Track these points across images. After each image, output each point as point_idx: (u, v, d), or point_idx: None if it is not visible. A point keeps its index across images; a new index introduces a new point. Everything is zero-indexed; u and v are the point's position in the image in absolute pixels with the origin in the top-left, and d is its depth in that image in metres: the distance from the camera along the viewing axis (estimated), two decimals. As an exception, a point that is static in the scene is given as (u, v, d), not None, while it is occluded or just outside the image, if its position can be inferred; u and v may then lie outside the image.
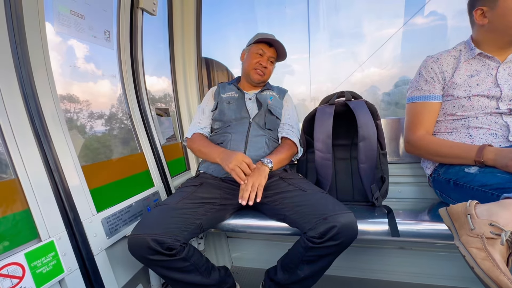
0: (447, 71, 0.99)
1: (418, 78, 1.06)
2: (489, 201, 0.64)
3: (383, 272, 1.34)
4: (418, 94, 1.04)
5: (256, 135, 1.15)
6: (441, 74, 1.00)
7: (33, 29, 0.77)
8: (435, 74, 1.00)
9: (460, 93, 0.96)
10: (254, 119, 1.19)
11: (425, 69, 1.03)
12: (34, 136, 0.76)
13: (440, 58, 1.01)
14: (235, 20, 1.92)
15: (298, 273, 0.87)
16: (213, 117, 1.26)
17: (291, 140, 1.17)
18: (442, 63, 1.00)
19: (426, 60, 1.05)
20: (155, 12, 1.28)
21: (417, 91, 1.05)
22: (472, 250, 0.55)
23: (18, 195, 0.71)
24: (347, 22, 1.70)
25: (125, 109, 1.19)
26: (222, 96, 1.26)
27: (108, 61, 1.13)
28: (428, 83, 1.02)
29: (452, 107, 0.99)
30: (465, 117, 0.96)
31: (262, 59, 1.22)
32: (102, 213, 0.92)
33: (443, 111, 1.02)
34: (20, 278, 0.66)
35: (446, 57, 1.01)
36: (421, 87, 1.04)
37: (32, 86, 0.76)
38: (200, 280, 0.88)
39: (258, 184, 0.95)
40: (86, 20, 0.98)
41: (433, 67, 1.01)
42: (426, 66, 1.03)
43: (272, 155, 1.07)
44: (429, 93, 1.02)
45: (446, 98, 1.01)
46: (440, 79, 1.00)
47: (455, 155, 0.92)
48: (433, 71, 1.01)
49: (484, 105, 0.93)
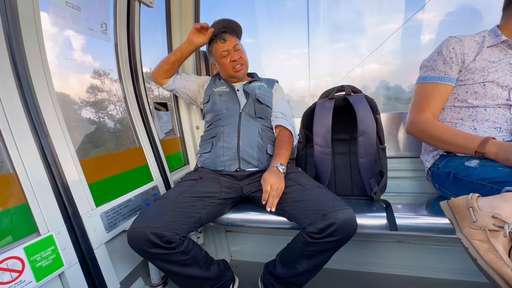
0: (468, 54, 0.95)
1: (436, 57, 1.00)
2: (488, 194, 0.65)
3: (381, 265, 1.36)
4: (433, 74, 1.00)
5: (248, 125, 1.15)
6: (462, 56, 0.95)
7: (28, 20, 0.75)
8: (455, 55, 0.96)
9: (477, 77, 0.92)
10: (244, 109, 1.19)
11: (446, 48, 0.97)
12: (31, 130, 0.75)
13: (463, 40, 0.96)
14: (235, 14, 1.90)
15: (297, 267, 0.88)
16: (205, 109, 1.28)
17: (287, 131, 1.17)
18: (464, 45, 0.96)
19: (448, 40, 0.99)
20: (152, 4, 1.26)
21: (432, 71, 1.00)
22: (475, 242, 0.55)
23: (16, 189, 0.71)
24: (347, 16, 1.68)
25: (123, 104, 1.18)
26: (214, 90, 1.27)
27: (105, 54, 1.11)
28: (446, 64, 0.97)
29: (465, 92, 0.96)
30: (474, 107, 0.94)
31: (231, 55, 1.21)
32: (101, 207, 0.92)
33: (453, 96, 0.99)
34: (19, 272, 0.66)
35: (469, 40, 0.97)
36: (437, 67, 0.99)
37: (28, 79, 0.75)
38: (200, 273, 0.89)
39: (281, 190, 0.95)
40: (82, 12, 0.96)
41: (455, 47, 0.96)
42: (448, 46, 0.97)
43: (281, 157, 1.04)
44: (444, 74, 0.98)
45: (460, 83, 0.97)
46: (459, 61, 0.96)
47: (457, 143, 0.91)
48: (454, 51, 0.96)
49: (496, 95, 0.91)
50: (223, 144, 1.13)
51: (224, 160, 1.11)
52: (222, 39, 1.20)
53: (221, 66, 1.25)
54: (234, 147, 1.11)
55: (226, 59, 1.21)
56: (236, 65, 1.21)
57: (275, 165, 1.00)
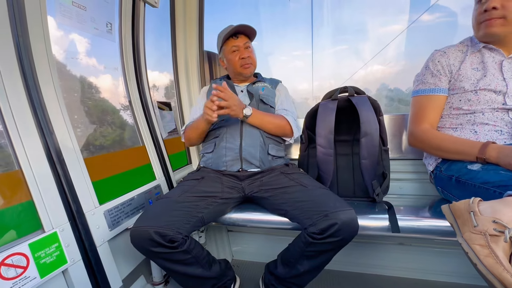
0: (454, 64, 0.99)
1: (424, 71, 1.06)
2: (491, 198, 0.64)
3: (382, 267, 1.35)
4: (424, 87, 1.04)
5: (251, 126, 1.15)
6: (448, 67, 1.00)
7: (35, 20, 0.76)
8: (441, 67, 1.01)
9: (467, 86, 0.95)
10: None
11: (432, 62, 1.03)
12: (36, 128, 0.76)
13: (447, 52, 1.02)
14: (238, 16, 1.91)
15: (298, 267, 0.88)
16: None
17: (286, 120, 1.18)
18: (449, 57, 1.00)
19: (433, 54, 1.05)
20: (157, 4, 1.27)
21: (423, 84, 1.05)
22: (475, 247, 0.55)
23: (22, 186, 0.72)
24: (351, 18, 1.68)
25: (127, 102, 1.19)
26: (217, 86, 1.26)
27: (110, 54, 1.12)
28: (434, 76, 1.02)
29: (458, 101, 0.98)
30: (471, 112, 0.96)
31: (241, 52, 1.21)
32: (105, 205, 0.92)
33: (448, 105, 1.02)
34: (24, 268, 0.66)
35: (453, 51, 1.01)
36: (427, 80, 1.04)
37: (34, 78, 0.76)
38: (201, 273, 0.89)
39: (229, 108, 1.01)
40: (88, 12, 0.97)
41: (440, 60, 1.01)
42: (433, 60, 1.03)
43: (260, 111, 1.13)
44: (434, 86, 1.02)
45: (452, 92, 1.00)
46: (446, 72, 1.00)
47: (457, 151, 0.91)
48: (440, 64, 1.01)
49: (491, 100, 0.92)
50: (225, 144, 1.13)
51: (226, 160, 1.12)
52: (234, 36, 1.21)
53: (229, 61, 1.24)
54: (237, 148, 1.12)
55: (235, 55, 1.21)
56: (244, 63, 1.22)
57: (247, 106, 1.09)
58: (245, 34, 1.23)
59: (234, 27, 1.18)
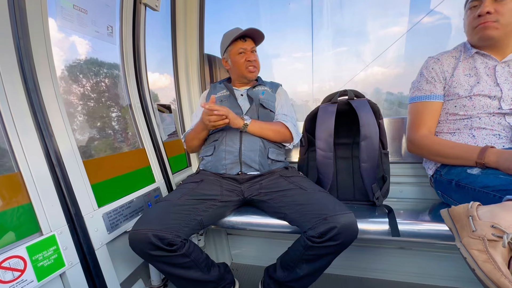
0: (447, 71, 1.01)
1: (419, 78, 1.07)
2: (491, 202, 0.64)
3: (382, 271, 1.34)
4: (419, 94, 1.06)
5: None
6: (442, 74, 1.01)
7: (36, 23, 0.76)
8: (436, 74, 1.02)
9: (461, 92, 0.96)
10: (247, 114, 1.19)
11: (426, 69, 1.05)
12: (36, 131, 0.76)
13: (441, 59, 1.03)
14: (239, 18, 1.91)
15: (297, 271, 0.87)
16: None
17: (285, 126, 1.18)
18: (443, 63, 1.02)
19: (427, 61, 1.07)
20: (158, 8, 1.27)
21: (418, 91, 1.06)
22: (473, 252, 0.54)
23: (20, 189, 0.71)
24: (351, 20, 1.69)
25: (127, 105, 1.19)
26: (215, 96, 1.26)
27: (110, 56, 1.12)
28: (429, 83, 1.03)
29: (453, 107, 0.99)
30: (467, 117, 0.96)
31: (247, 55, 1.22)
32: (103, 208, 0.92)
33: (445, 111, 1.03)
34: (21, 271, 0.66)
35: (446, 57, 1.03)
36: (422, 87, 1.05)
37: (34, 81, 0.76)
38: (200, 276, 0.89)
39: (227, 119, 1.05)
40: (89, 15, 0.97)
41: (434, 67, 1.02)
42: (427, 67, 1.05)
43: (259, 121, 1.14)
44: (430, 92, 1.03)
45: (447, 98, 1.01)
46: (441, 78, 1.01)
47: (456, 156, 0.91)
48: (434, 71, 1.02)
49: (486, 105, 0.92)
50: (225, 147, 1.13)
51: (226, 164, 1.12)
52: (242, 38, 1.22)
53: (234, 63, 1.24)
54: (236, 151, 1.11)
55: (241, 57, 1.22)
56: (250, 65, 1.22)
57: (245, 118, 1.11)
58: (253, 38, 1.24)
59: (244, 30, 1.18)
